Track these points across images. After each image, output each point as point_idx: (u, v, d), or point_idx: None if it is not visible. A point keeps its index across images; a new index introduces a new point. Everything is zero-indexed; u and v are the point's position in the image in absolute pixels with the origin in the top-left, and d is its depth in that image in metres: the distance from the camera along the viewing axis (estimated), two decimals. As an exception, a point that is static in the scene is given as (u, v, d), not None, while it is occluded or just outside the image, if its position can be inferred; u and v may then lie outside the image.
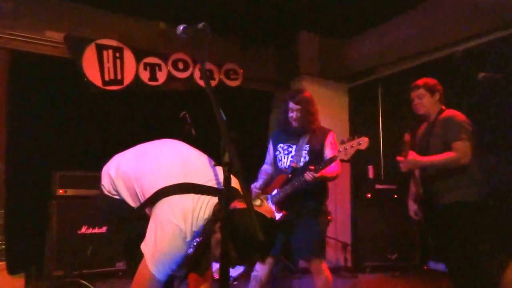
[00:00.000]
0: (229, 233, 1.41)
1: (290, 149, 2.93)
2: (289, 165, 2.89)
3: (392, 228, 4.81)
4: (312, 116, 2.88)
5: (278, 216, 2.74)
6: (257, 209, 1.52)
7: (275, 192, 2.85)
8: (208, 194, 1.60)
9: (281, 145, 2.99)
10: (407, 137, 2.85)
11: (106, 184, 1.82)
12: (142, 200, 1.67)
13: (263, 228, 1.39)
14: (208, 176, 1.67)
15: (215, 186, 1.64)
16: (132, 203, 1.74)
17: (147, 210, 1.68)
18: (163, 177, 1.63)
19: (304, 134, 2.89)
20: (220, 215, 1.51)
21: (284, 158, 2.95)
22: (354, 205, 5.11)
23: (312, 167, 2.64)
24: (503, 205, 3.76)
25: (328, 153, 2.82)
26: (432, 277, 3.95)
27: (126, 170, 1.76)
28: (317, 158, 2.79)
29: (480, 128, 2.89)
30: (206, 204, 1.59)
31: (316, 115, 2.92)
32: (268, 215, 1.55)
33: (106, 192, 1.82)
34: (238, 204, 1.49)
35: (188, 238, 1.55)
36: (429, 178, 2.76)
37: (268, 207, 1.61)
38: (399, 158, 2.75)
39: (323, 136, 2.88)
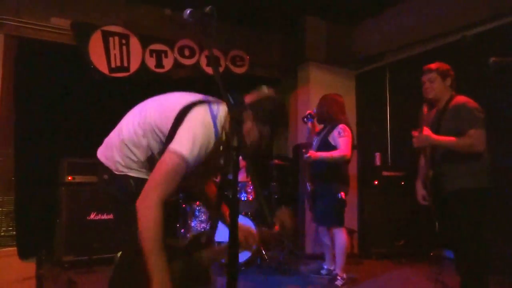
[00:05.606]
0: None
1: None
2: None
3: (399, 215, 4.81)
4: None
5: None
6: None
7: None
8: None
9: None
10: (425, 109, 2.80)
11: (112, 164, 1.81)
12: (166, 134, 1.66)
13: None
14: None
15: None
16: (158, 146, 1.71)
17: None
18: (176, 105, 1.67)
19: None
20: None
21: None
22: (361, 192, 5.10)
23: None
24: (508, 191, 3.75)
25: None
26: (439, 263, 3.96)
27: (135, 123, 1.76)
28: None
29: (490, 114, 2.83)
30: (219, 105, 1.70)
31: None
32: None
33: (117, 173, 1.80)
34: None
35: (215, 128, 1.63)
36: (440, 160, 2.73)
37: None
38: (414, 133, 2.73)
39: None
